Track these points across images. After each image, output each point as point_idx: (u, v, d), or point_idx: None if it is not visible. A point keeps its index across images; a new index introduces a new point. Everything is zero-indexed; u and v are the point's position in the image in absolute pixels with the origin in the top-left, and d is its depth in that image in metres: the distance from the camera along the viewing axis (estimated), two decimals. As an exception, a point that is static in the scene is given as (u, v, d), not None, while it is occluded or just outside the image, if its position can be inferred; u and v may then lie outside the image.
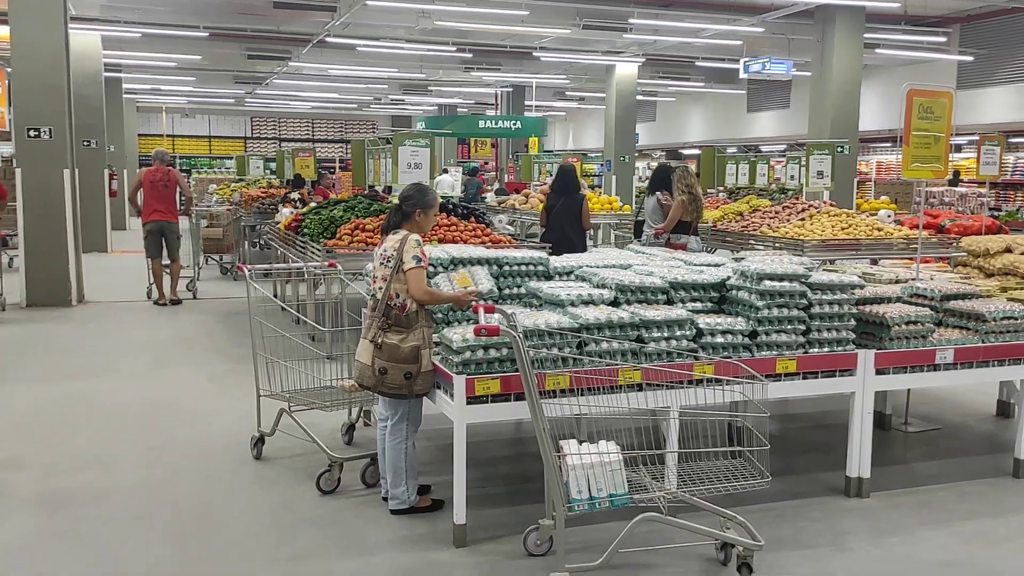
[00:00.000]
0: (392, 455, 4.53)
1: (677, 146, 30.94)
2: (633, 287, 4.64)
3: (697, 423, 4.16)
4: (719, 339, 4.55)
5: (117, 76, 23.29)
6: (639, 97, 23.75)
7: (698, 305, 4.78)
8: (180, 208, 11.70)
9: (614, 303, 4.59)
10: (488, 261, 4.96)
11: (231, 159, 31.21)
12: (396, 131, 10.82)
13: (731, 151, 16.78)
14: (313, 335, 7.31)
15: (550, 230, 8.91)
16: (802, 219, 9.39)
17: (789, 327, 4.67)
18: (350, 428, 5.76)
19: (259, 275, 5.69)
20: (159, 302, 11.02)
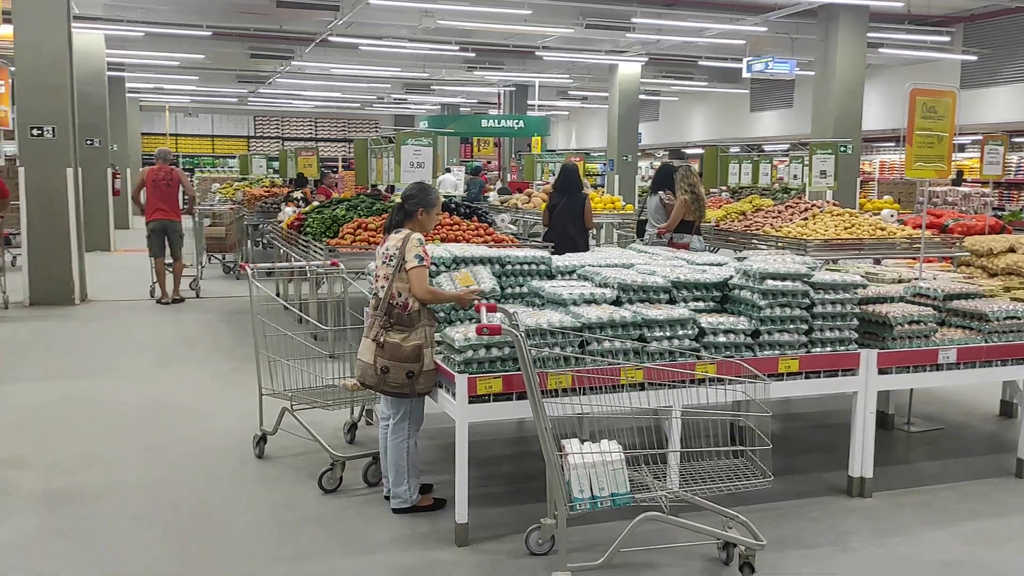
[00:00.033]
0: (394, 454, 4.53)
1: (680, 145, 30.94)
2: (635, 286, 4.64)
3: (699, 422, 4.15)
4: (721, 338, 4.54)
5: (120, 75, 23.30)
6: (642, 96, 23.73)
7: (700, 304, 4.78)
8: (183, 207, 11.72)
9: (616, 302, 4.59)
10: (490, 260, 4.96)
11: (234, 158, 31.28)
12: (399, 130, 10.82)
13: (734, 150, 16.73)
14: (315, 334, 7.33)
15: (552, 229, 8.92)
16: (805, 219, 9.38)
17: (791, 326, 4.67)
18: (352, 427, 5.76)
19: (262, 274, 5.70)
20: (162, 301, 11.03)
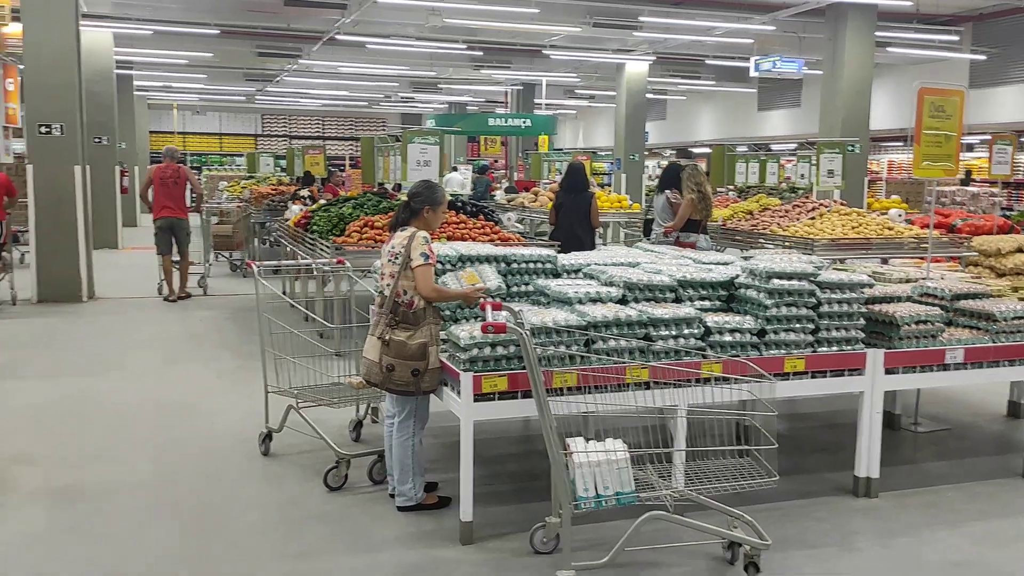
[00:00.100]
0: (399, 452, 4.54)
1: (687, 145, 30.88)
2: (641, 285, 4.63)
3: (705, 422, 4.15)
4: (727, 337, 4.53)
5: (128, 73, 23.37)
6: (649, 95, 23.69)
7: (706, 303, 4.77)
8: (191, 205, 11.75)
9: (622, 301, 4.58)
10: (496, 259, 4.95)
11: (242, 156, 31.30)
12: (406, 129, 10.82)
13: (741, 150, 16.68)
14: (321, 332, 7.33)
15: (559, 228, 8.92)
16: (812, 218, 9.35)
17: (798, 326, 4.66)
18: (358, 425, 5.76)
19: (268, 272, 5.71)
20: (169, 298, 11.07)
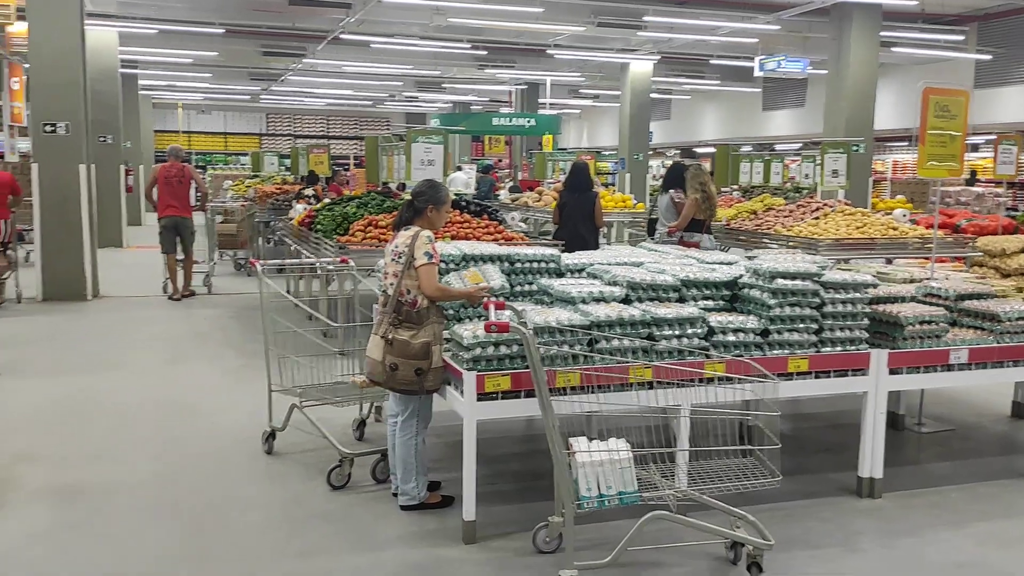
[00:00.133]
0: (402, 451, 4.54)
1: (691, 144, 30.87)
2: (645, 285, 4.62)
3: (708, 421, 4.14)
4: (731, 337, 4.53)
5: (133, 72, 23.40)
6: (653, 95, 23.68)
7: (710, 303, 4.77)
8: (195, 204, 11.77)
9: (625, 301, 4.58)
10: (500, 258, 4.95)
11: (246, 155, 31.36)
12: (410, 128, 10.82)
13: (745, 149, 16.65)
14: (325, 331, 7.34)
15: (563, 227, 8.92)
16: (816, 218, 9.33)
17: (801, 326, 4.65)
18: (361, 424, 5.77)
19: (272, 271, 5.71)
20: (173, 297, 11.09)
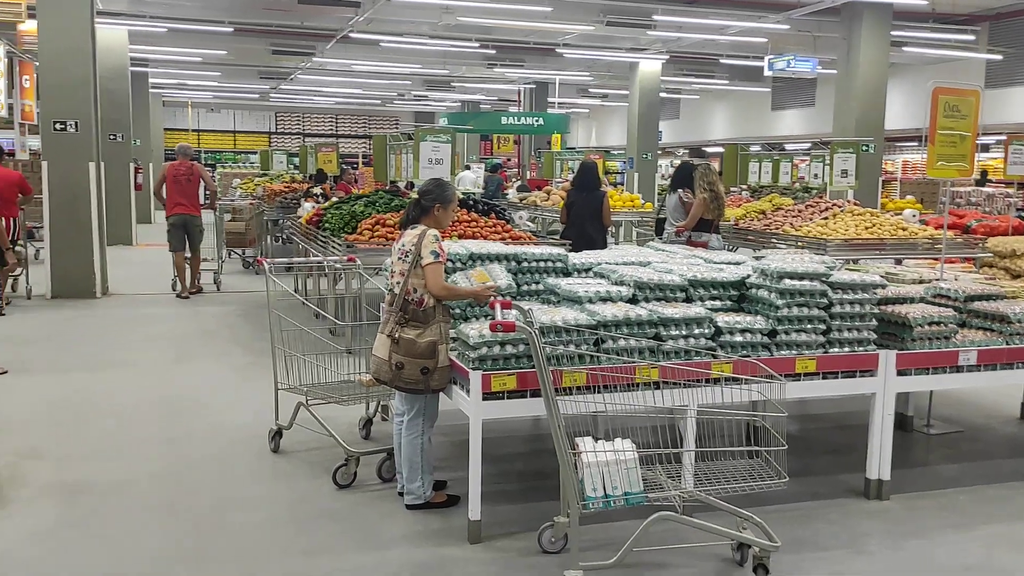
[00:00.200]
0: (408, 450, 4.54)
1: (700, 144, 30.78)
2: (652, 284, 4.61)
3: (715, 422, 4.13)
4: (738, 338, 4.51)
5: (143, 71, 23.49)
6: (663, 94, 23.63)
7: (717, 303, 4.75)
8: (204, 202, 11.80)
9: (632, 300, 4.57)
10: (506, 257, 4.95)
11: (255, 154, 31.42)
12: (418, 127, 10.82)
13: (755, 149, 16.60)
14: (332, 329, 7.35)
15: (570, 227, 8.91)
16: (825, 218, 9.30)
17: (809, 326, 4.63)
18: (367, 422, 5.77)
19: (280, 269, 5.73)
20: (181, 295, 11.13)
